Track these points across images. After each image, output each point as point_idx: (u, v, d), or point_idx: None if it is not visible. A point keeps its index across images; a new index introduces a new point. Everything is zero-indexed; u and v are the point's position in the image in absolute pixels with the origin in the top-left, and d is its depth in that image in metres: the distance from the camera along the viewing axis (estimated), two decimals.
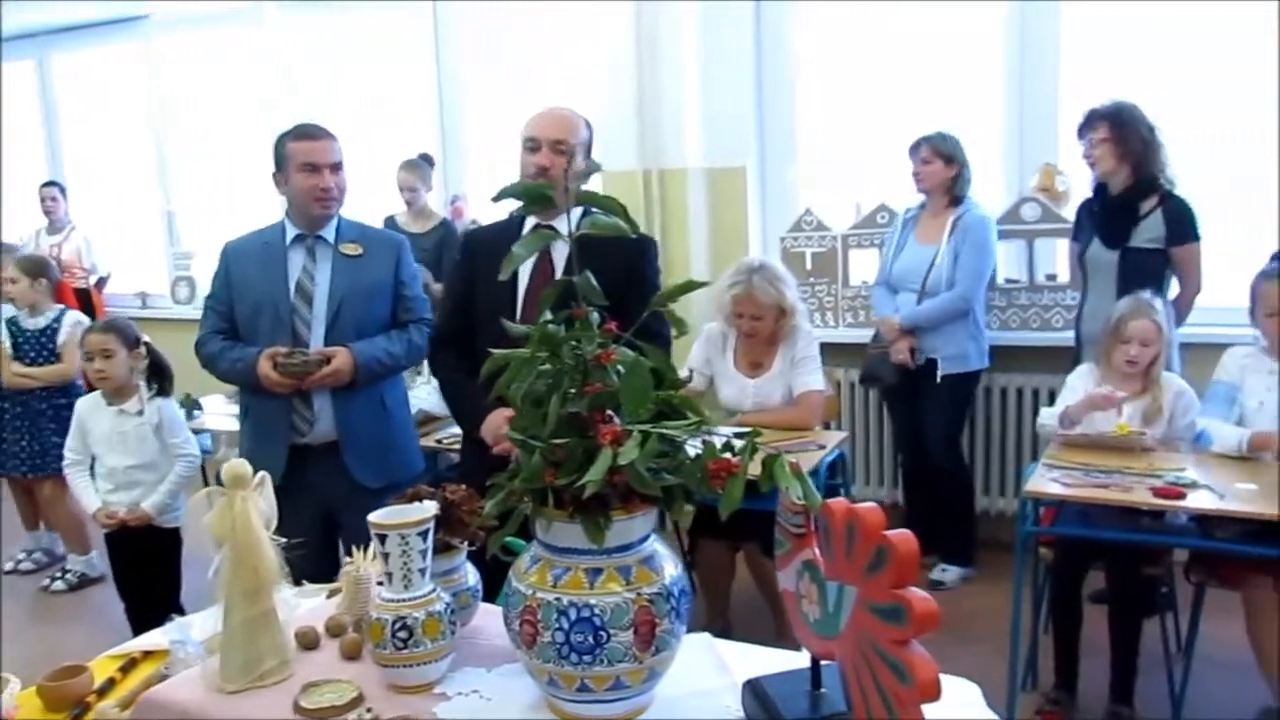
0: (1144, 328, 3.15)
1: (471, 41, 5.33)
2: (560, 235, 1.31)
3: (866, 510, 1.09)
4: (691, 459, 1.23)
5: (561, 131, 2.56)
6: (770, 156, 4.71)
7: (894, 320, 3.97)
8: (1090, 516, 2.96)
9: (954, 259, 3.90)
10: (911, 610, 0.98)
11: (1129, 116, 3.56)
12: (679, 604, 1.28)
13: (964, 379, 3.97)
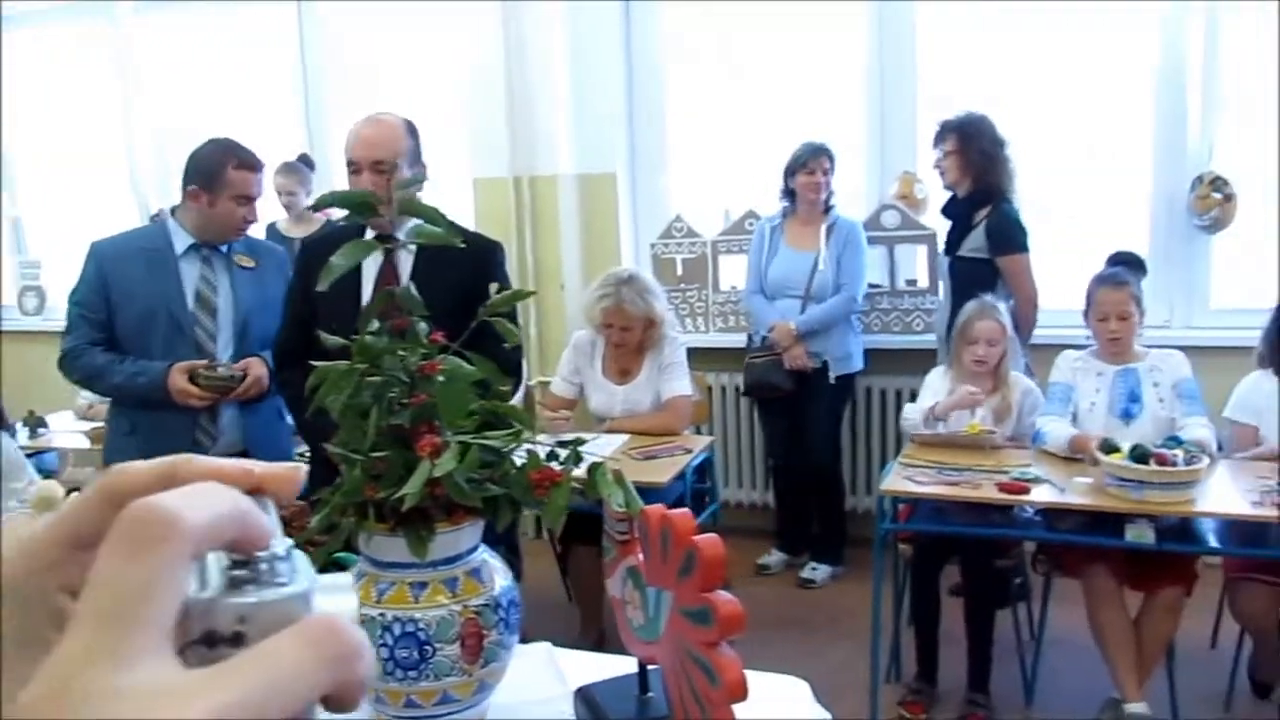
0: (989, 328, 3.29)
1: (337, 43, 5.22)
2: (377, 246, 1.29)
3: (678, 515, 1.10)
4: (517, 469, 1.23)
5: (378, 151, 2.52)
6: (641, 163, 4.75)
7: (790, 326, 4.01)
8: (944, 513, 3.08)
9: (837, 263, 3.99)
10: (717, 612, 1.00)
11: (975, 130, 3.71)
12: (508, 615, 1.28)
13: (850, 379, 4.10)
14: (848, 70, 4.46)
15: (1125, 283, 3.21)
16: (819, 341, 4.00)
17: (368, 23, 5.03)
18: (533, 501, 1.22)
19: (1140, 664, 2.90)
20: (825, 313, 3.97)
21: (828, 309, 3.97)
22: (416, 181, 1.93)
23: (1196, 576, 2.95)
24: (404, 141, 2.57)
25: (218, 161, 2.76)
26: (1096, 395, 3.20)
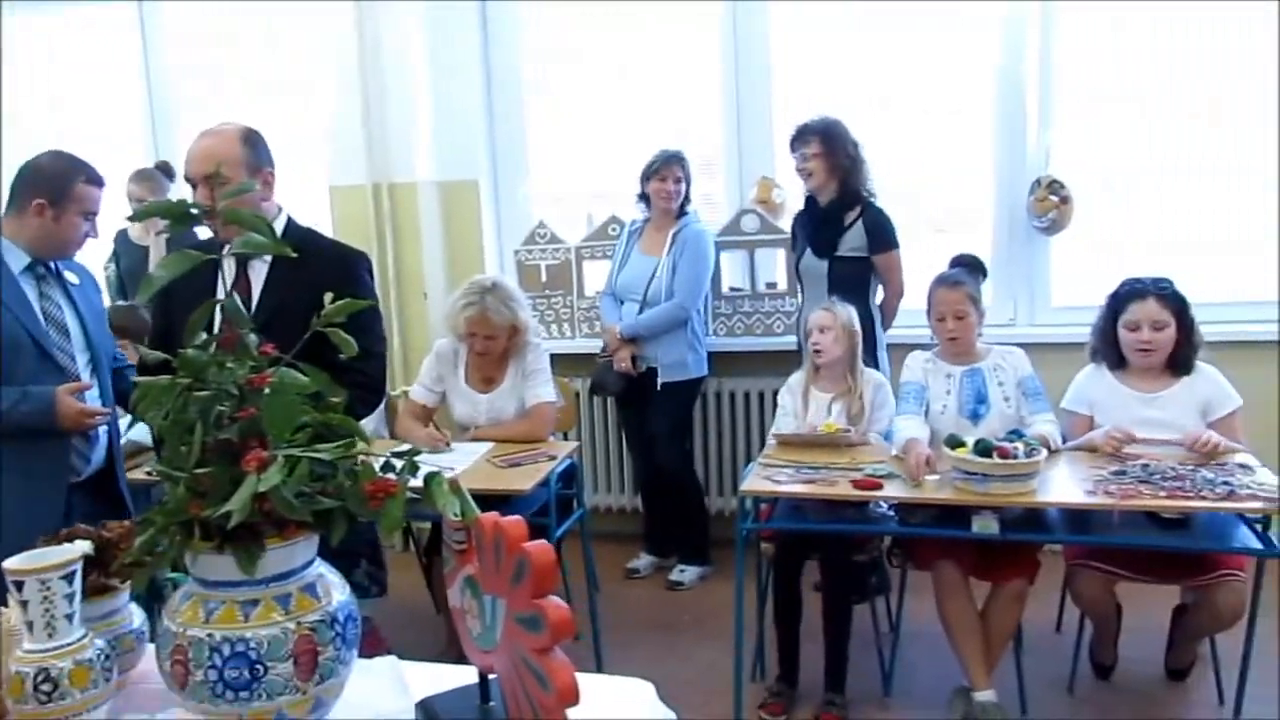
0: (819, 317, 3.46)
1: (184, 49, 5.01)
2: (202, 257, 1.25)
3: (510, 523, 1.10)
4: (352, 481, 1.20)
5: (210, 164, 2.44)
6: (503, 169, 4.72)
7: (615, 329, 4.07)
8: (803, 510, 3.15)
9: (673, 270, 4.03)
10: (548, 618, 1.00)
11: (838, 132, 3.81)
12: (345, 630, 1.25)
13: (684, 386, 4.11)
14: (706, 74, 4.53)
15: (961, 283, 3.31)
16: (649, 347, 4.05)
17: (213, 25, 4.85)
18: (368, 513, 1.20)
19: (987, 652, 3.02)
20: (652, 319, 4.02)
21: (654, 315, 4.02)
22: (244, 190, 1.87)
23: (1039, 565, 3.09)
24: (238, 152, 2.49)
25: (66, 175, 2.62)
26: (947, 397, 3.30)
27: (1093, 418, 3.21)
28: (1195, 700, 3.19)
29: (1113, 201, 4.29)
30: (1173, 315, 3.10)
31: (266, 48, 4.77)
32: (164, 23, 4.97)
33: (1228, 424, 3.08)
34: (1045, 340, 3.95)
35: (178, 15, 4.93)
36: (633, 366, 4.06)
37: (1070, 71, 4.22)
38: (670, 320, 4.02)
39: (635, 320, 4.06)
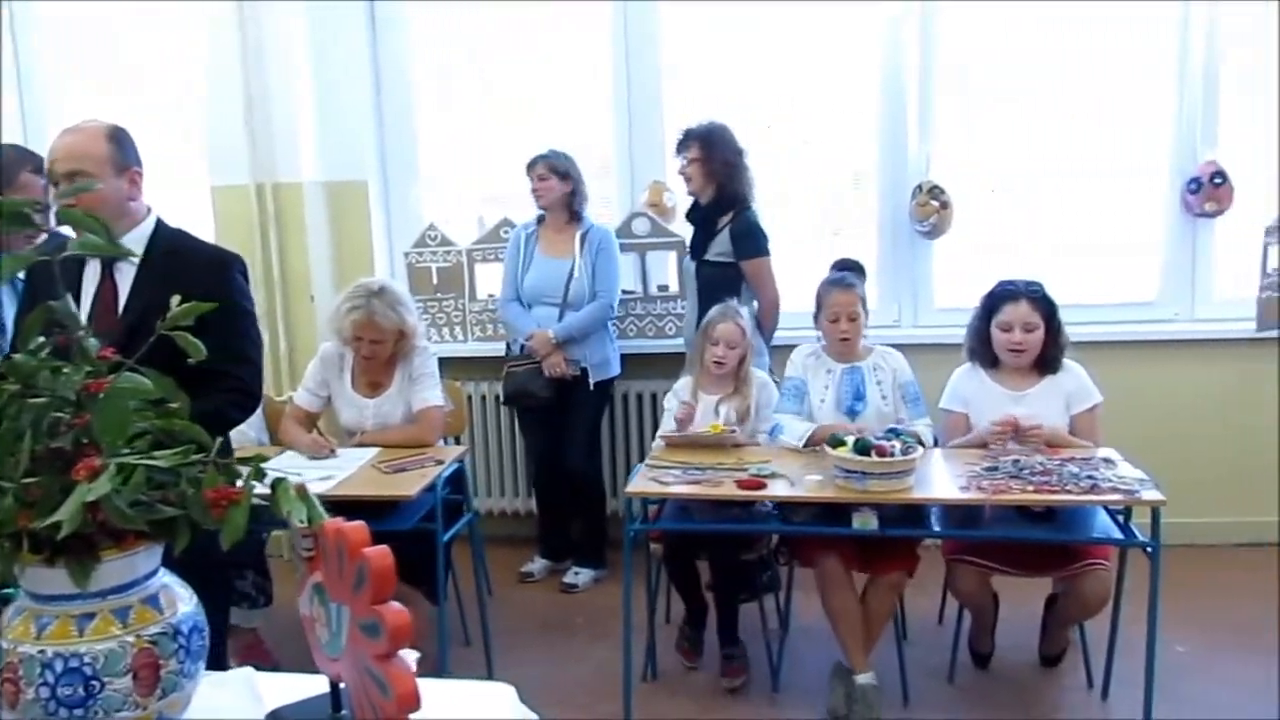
0: (728, 331, 3.43)
1: (55, 44, 4.82)
2: (32, 258, 1.20)
3: (351, 529, 1.09)
4: (195, 488, 1.17)
5: (72, 163, 2.36)
6: (393, 170, 4.65)
7: (548, 334, 4.02)
8: (690, 511, 3.17)
9: (592, 270, 4.03)
10: (386, 624, 0.99)
11: (718, 138, 3.86)
12: (190, 641, 1.22)
13: (608, 385, 4.14)
14: (597, 76, 4.53)
15: (853, 285, 3.43)
16: (577, 349, 4.03)
17: (88, 19, 4.67)
18: (210, 522, 1.17)
19: (868, 637, 3.11)
20: (582, 320, 4.01)
21: (584, 316, 4.02)
22: (82, 190, 1.80)
23: (919, 558, 3.18)
24: (103, 150, 2.40)
25: (13, 164, 2.52)
26: (826, 392, 3.40)
27: (968, 415, 3.32)
28: (1067, 685, 3.31)
29: (993, 205, 4.44)
30: (1042, 317, 3.22)
31: (145, 43, 4.61)
32: (36, 17, 4.77)
33: (1088, 418, 3.22)
34: (929, 341, 4.06)
35: (50, 8, 4.74)
36: (566, 370, 4.02)
37: (951, 76, 4.35)
38: (599, 319, 4.04)
39: (566, 323, 4.02)
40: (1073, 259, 4.41)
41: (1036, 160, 4.39)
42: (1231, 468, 4.24)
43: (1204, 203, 4.18)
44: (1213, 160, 4.17)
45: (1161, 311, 4.34)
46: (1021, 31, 4.29)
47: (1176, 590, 3.75)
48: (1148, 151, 4.32)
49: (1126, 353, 4.20)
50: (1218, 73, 4.19)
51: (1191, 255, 4.31)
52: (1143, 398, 4.15)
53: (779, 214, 4.32)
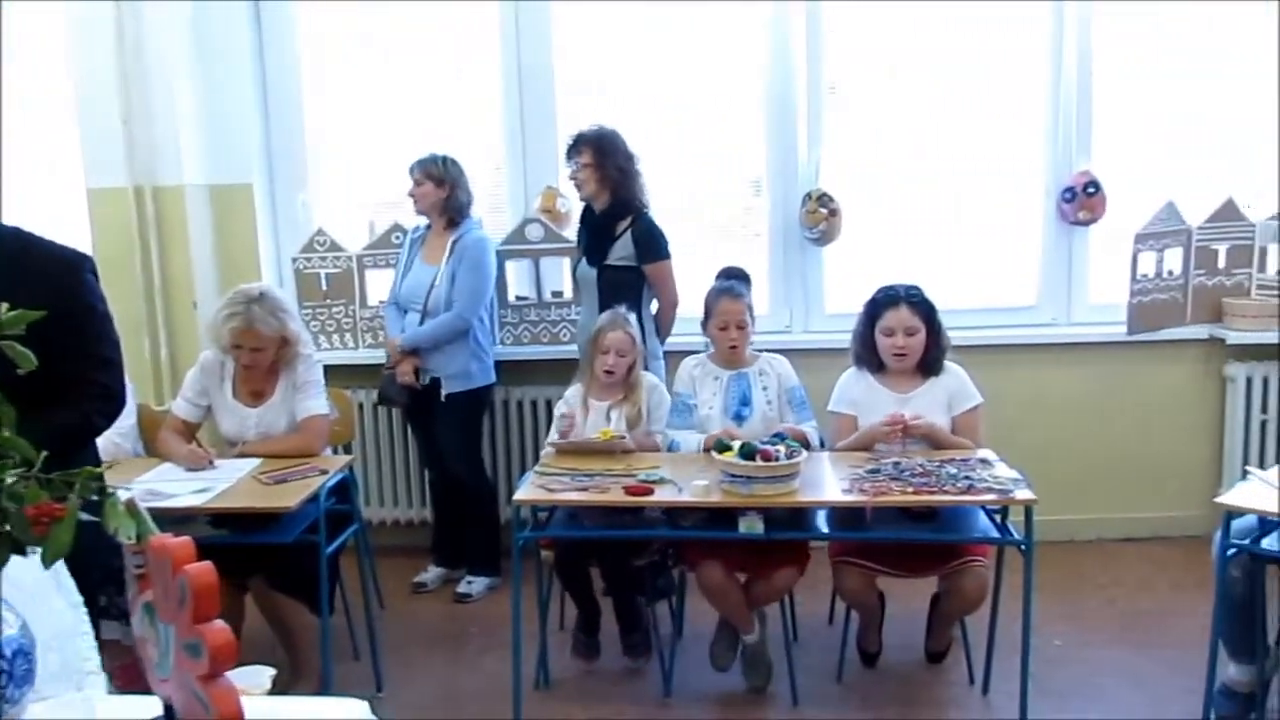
0: (619, 339, 3.44)
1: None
2: None
3: (176, 545, 1.05)
4: (16, 504, 1.12)
5: None
6: (280, 174, 4.54)
7: (395, 341, 3.98)
8: (579, 517, 3.17)
9: (451, 279, 3.98)
10: (208, 644, 0.96)
11: (610, 144, 3.87)
12: (14, 666, 1.16)
13: (469, 396, 4.05)
14: (488, 80, 4.49)
15: (741, 295, 3.49)
16: (431, 358, 3.97)
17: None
18: (33, 539, 1.11)
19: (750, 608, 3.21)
20: (431, 330, 3.95)
21: (434, 326, 3.95)
22: None
23: (808, 558, 3.23)
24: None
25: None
26: (714, 399, 3.45)
27: (856, 417, 3.39)
28: (950, 680, 3.39)
29: (881, 213, 4.54)
30: (923, 321, 3.31)
31: (16, 38, 4.41)
32: None
33: (969, 419, 3.32)
34: (820, 346, 4.12)
35: None
36: (415, 378, 3.98)
37: (838, 84, 4.44)
38: (451, 331, 3.96)
39: (415, 332, 3.98)
40: (958, 266, 4.53)
41: (921, 169, 4.50)
42: (1106, 466, 4.41)
43: (1078, 211, 4.34)
44: (1086, 170, 4.33)
45: (1040, 316, 4.50)
46: (905, 43, 4.40)
47: (1055, 585, 3.92)
48: (1026, 162, 4.47)
49: (1008, 356, 4.33)
50: (1090, 88, 4.35)
51: (1068, 262, 4.47)
52: (1023, 399, 4.29)
53: (674, 220, 4.34)
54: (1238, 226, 4.35)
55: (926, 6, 4.32)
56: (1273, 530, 2.83)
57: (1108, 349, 4.36)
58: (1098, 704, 3.21)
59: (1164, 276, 4.31)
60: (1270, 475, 2.91)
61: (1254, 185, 4.35)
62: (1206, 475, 4.27)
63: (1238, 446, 4.28)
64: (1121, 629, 3.68)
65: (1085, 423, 4.40)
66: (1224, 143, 4.38)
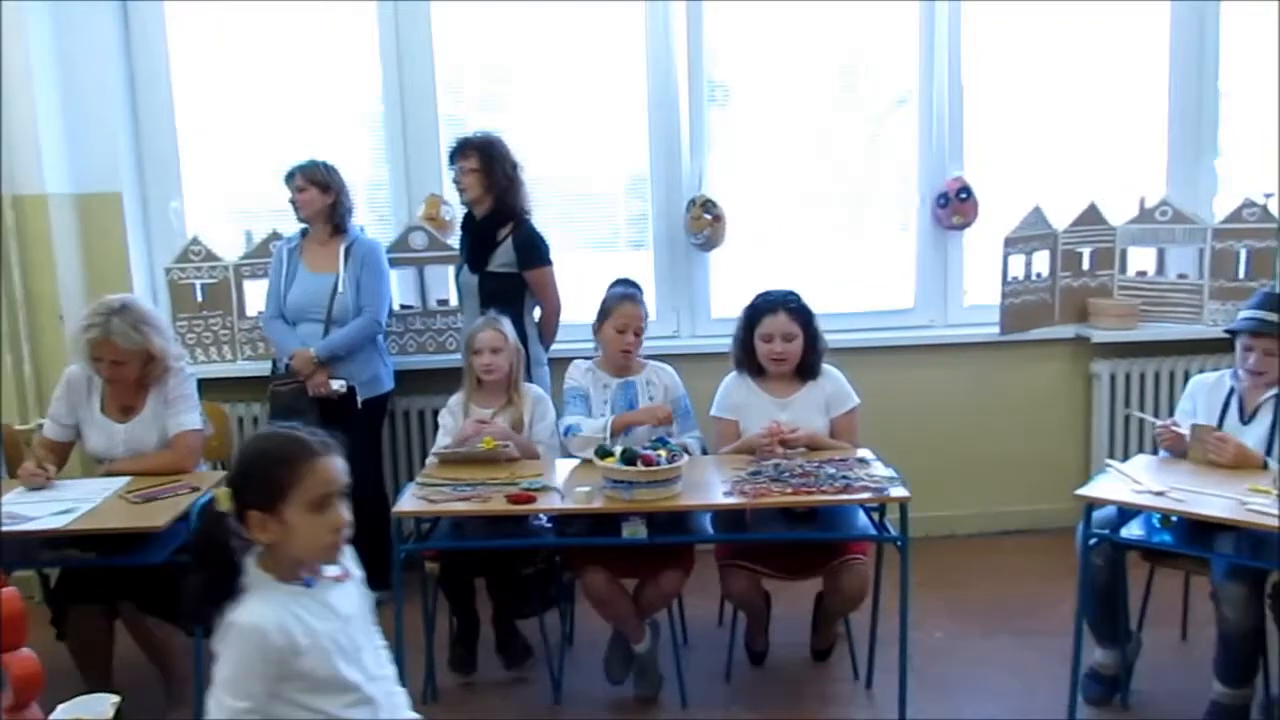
0: (489, 337, 3.44)
1: None
2: None
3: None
4: None
5: None
6: (151, 182, 4.38)
7: (310, 353, 3.86)
8: (463, 528, 3.14)
9: (356, 285, 3.91)
10: (11, 674, 0.92)
11: (497, 150, 3.85)
12: None
13: (380, 402, 4.02)
14: (368, 84, 4.42)
15: (641, 301, 3.52)
16: (344, 366, 3.90)
17: None
18: None
19: (638, 617, 3.22)
20: (347, 336, 3.89)
21: (349, 333, 3.89)
22: None
23: (693, 561, 3.26)
24: None
25: None
26: (604, 406, 3.46)
27: (738, 422, 3.43)
28: (835, 676, 3.46)
29: (765, 218, 4.62)
30: (800, 326, 3.37)
31: None
32: None
33: (847, 421, 3.40)
34: (706, 351, 4.15)
35: None
36: (330, 389, 3.88)
37: (720, 89, 4.50)
38: (365, 335, 3.90)
39: (329, 340, 3.87)
40: (841, 270, 4.65)
41: (804, 175, 4.59)
42: (982, 462, 4.56)
43: (952, 216, 4.47)
44: (959, 177, 4.47)
45: (918, 318, 4.63)
46: (787, 47, 4.48)
47: (936, 579, 4.03)
48: (902, 168, 4.59)
49: (888, 357, 4.46)
50: (961, 97, 4.50)
51: (943, 266, 4.61)
52: (902, 399, 4.41)
53: (560, 226, 4.35)
54: (1100, 230, 4.55)
55: (807, 11, 4.42)
56: (1131, 519, 2.97)
57: (982, 349, 4.52)
58: (975, 692, 3.31)
59: (1033, 279, 4.47)
60: (1128, 467, 3.05)
61: (1114, 190, 4.56)
62: (1076, 468, 4.44)
63: (1104, 440, 4.47)
64: (998, 619, 3.80)
65: (962, 421, 4.55)
66: (1086, 149, 4.58)
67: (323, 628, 1.78)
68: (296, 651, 1.72)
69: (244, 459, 1.87)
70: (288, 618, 1.73)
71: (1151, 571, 3.28)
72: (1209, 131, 4.58)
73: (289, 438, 1.85)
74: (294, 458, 1.79)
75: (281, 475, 1.77)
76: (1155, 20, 4.54)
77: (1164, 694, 3.21)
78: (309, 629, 1.75)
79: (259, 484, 1.77)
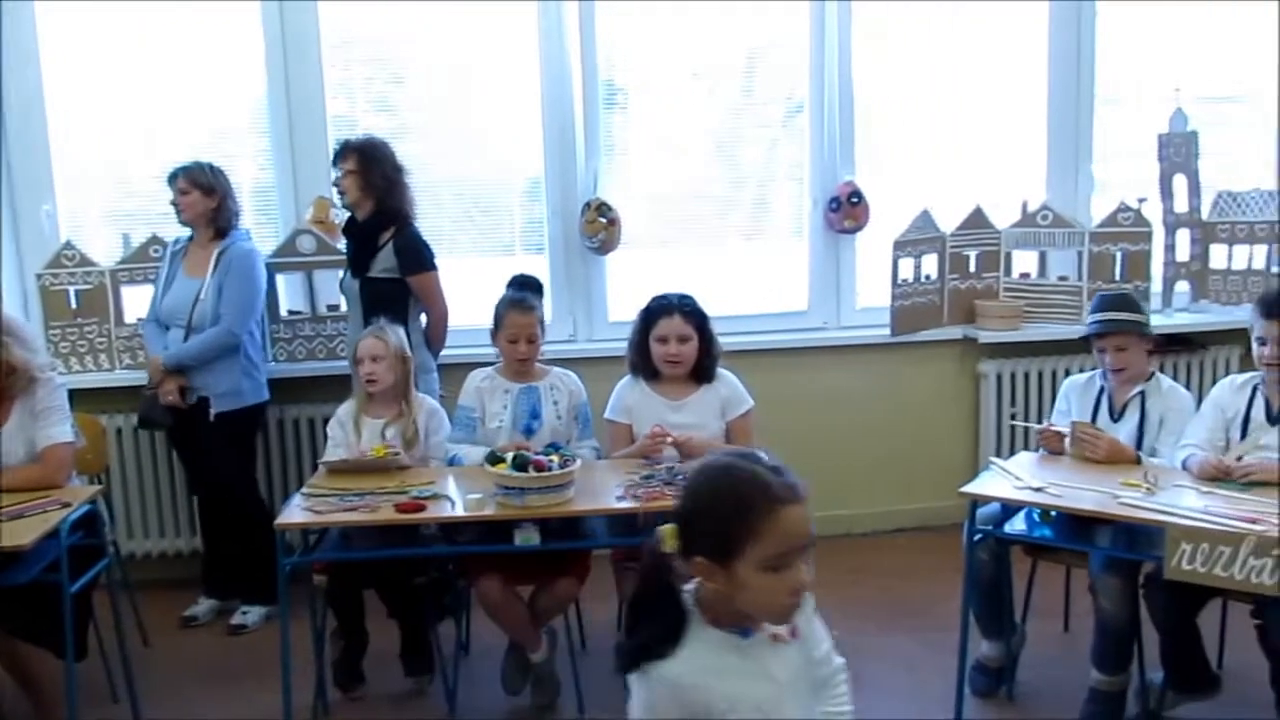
0: (370, 345, 3.37)
1: None
2: None
3: None
4: None
5: None
6: (21, 184, 4.19)
7: (158, 360, 3.75)
8: (351, 538, 3.06)
9: (219, 293, 3.79)
10: None
11: (377, 153, 3.78)
12: None
13: (241, 415, 3.87)
14: (252, 85, 4.30)
15: (533, 308, 3.46)
16: (198, 376, 3.77)
17: None
18: None
19: (535, 626, 3.19)
20: (197, 346, 3.75)
21: (201, 342, 3.76)
22: None
23: (589, 568, 3.23)
24: None
25: None
26: (504, 412, 3.41)
27: (631, 425, 3.42)
28: None
29: (660, 222, 4.63)
30: (695, 328, 3.38)
31: None
32: None
33: (742, 424, 3.42)
34: (604, 354, 4.14)
35: None
36: (181, 398, 3.75)
37: (615, 92, 4.50)
38: (219, 346, 3.76)
39: (180, 348, 3.76)
40: (736, 273, 4.68)
41: (704, 179, 4.62)
42: (877, 461, 4.65)
43: (844, 220, 4.55)
44: (850, 181, 4.55)
45: (812, 320, 4.69)
46: (684, 53, 4.51)
47: (834, 579, 4.08)
48: (798, 172, 4.66)
49: (783, 359, 4.51)
50: (852, 103, 4.58)
51: (836, 268, 4.68)
52: (798, 401, 4.46)
53: (455, 229, 4.30)
54: (985, 233, 4.68)
55: (706, 14, 4.44)
56: (1014, 515, 3.04)
57: (874, 350, 4.60)
58: (870, 688, 3.33)
59: (922, 281, 4.57)
60: (1010, 464, 3.13)
61: (1000, 194, 4.69)
62: (965, 466, 4.54)
63: (991, 438, 4.60)
64: (892, 616, 3.87)
65: (856, 421, 4.62)
66: (973, 153, 4.71)
67: (750, 693, 1.55)
68: (710, 717, 1.52)
69: (695, 496, 1.59)
70: (710, 677, 1.53)
71: (1034, 566, 3.38)
72: (1085, 136, 4.75)
73: (750, 477, 1.54)
74: (753, 505, 1.51)
75: (737, 527, 1.50)
76: (1036, 26, 4.68)
77: (1048, 683, 3.30)
78: (731, 694, 1.53)
79: (709, 532, 1.52)
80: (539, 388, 3.45)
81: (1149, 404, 3.17)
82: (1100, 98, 4.74)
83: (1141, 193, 4.55)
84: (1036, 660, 3.37)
